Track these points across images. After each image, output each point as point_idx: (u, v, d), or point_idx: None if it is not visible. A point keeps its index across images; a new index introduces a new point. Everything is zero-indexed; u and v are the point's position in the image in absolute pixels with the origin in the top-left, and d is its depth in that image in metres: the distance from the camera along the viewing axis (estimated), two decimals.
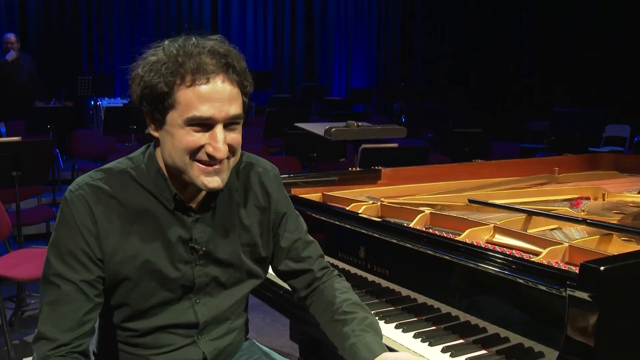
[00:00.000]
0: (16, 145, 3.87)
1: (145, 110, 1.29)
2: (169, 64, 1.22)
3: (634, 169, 3.13)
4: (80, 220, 1.27)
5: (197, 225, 1.37)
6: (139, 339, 1.37)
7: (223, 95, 1.23)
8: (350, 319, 1.40)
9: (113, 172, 1.34)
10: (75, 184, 1.32)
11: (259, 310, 3.71)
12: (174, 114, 1.24)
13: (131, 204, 1.32)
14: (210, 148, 1.25)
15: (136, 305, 1.34)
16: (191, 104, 1.22)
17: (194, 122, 1.23)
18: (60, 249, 1.27)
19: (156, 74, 1.23)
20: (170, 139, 1.26)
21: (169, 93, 1.23)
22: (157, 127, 1.29)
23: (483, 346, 1.48)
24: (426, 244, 1.67)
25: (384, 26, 12.29)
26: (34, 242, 5.03)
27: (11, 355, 3.18)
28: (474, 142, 5.80)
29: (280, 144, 6.40)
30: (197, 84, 1.22)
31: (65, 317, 1.25)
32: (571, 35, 9.45)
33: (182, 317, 1.38)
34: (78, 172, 6.13)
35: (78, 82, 7.96)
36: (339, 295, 1.46)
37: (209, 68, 1.22)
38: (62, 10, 9.23)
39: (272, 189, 1.50)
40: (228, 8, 10.79)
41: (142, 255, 1.32)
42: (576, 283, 1.26)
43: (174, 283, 1.35)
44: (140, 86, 1.26)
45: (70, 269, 1.26)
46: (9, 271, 3.14)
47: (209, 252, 1.39)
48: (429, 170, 2.80)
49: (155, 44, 1.29)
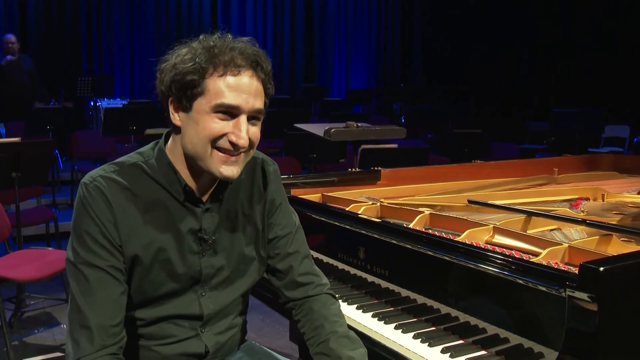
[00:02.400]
0: (16, 146, 3.87)
1: (171, 98, 1.34)
2: (204, 54, 1.29)
3: (633, 169, 3.13)
4: (98, 209, 1.30)
5: (206, 215, 1.41)
6: (144, 329, 1.39)
7: (250, 89, 1.30)
8: (335, 358, 1.38)
9: (125, 166, 1.37)
10: (89, 177, 1.34)
11: (258, 311, 3.71)
12: (202, 101, 1.29)
13: (144, 196, 1.36)
14: (233, 137, 1.30)
15: (146, 294, 1.36)
16: (220, 92, 1.28)
17: (221, 109, 1.29)
18: (84, 237, 1.30)
19: (191, 60, 1.29)
20: (195, 125, 1.31)
21: (200, 80, 1.29)
22: (182, 115, 1.34)
23: (483, 347, 1.48)
24: (426, 245, 1.67)
25: (384, 27, 12.30)
26: (34, 243, 5.03)
27: (11, 356, 3.17)
28: (473, 142, 5.79)
29: (280, 144, 6.39)
30: (228, 75, 1.29)
31: (99, 303, 1.27)
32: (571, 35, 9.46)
33: (187, 308, 1.41)
34: (78, 173, 6.12)
35: (78, 83, 7.96)
36: (326, 326, 1.45)
37: (241, 62, 1.30)
38: (61, 11, 9.23)
39: (270, 180, 1.54)
40: (227, 8, 10.79)
41: (156, 243, 1.35)
42: (576, 284, 1.26)
43: (182, 274, 1.38)
44: (172, 72, 1.31)
45: (97, 255, 1.29)
46: (8, 272, 3.14)
47: (217, 242, 1.42)
48: (429, 171, 2.80)
49: (185, 40, 1.36)
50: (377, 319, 1.70)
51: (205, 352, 1.43)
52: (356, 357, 1.39)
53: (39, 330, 3.67)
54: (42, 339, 3.55)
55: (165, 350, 1.40)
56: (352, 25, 12.02)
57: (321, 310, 1.48)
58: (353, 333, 1.46)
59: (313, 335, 1.46)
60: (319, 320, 1.46)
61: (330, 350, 1.40)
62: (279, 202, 1.55)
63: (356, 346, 1.42)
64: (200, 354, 1.43)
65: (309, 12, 11.57)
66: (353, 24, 12.03)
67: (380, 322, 1.68)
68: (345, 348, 1.40)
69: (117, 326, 1.29)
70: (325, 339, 1.42)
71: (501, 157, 4.29)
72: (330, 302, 1.52)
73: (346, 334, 1.44)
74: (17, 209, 3.90)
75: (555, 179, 2.86)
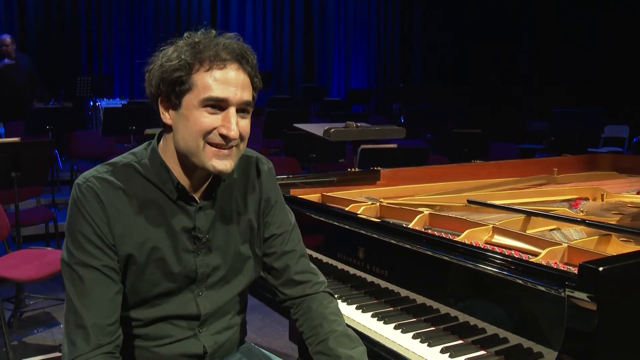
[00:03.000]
0: (15, 146, 3.86)
1: (160, 98, 1.35)
2: (190, 51, 1.31)
3: (632, 169, 3.13)
4: (91, 209, 1.31)
5: (199, 213, 1.41)
6: (142, 329, 1.39)
7: (237, 81, 1.32)
8: (334, 357, 1.39)
9: (118, 166, 1.38)
10: (83, 178, 1.35)
11: (258, 311, 3.71)
12: (190, 96, 1.31)
13: (137, 195, 1.36)
14: (223, 129, 1.31)
15: (141, 294, 1.37)
16: (208, 86, 1.30)
17: (209, 103, 1.30)
18: (78, 238, 1.30)
19: (177, 58, 1.31)
20: (185, 122, 1.32)
21: (187, 76, 1.30)
22: (172, 113, 1.35)
23: (482, 347, 1.48)
24: (425, 245, 1.67)
25: (383, 27, 12.30)
26: (33, 242, 5.03)
27: (10, 356, 3.17)
28: (473, 142, 5.79)
29: (280, 144, 6.39)
30: (214, 69, 1.30)
31: (95, 303, 1.28)
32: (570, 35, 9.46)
33: (184, 308, 1.41)
34: (77, 173, 6.11)
35: (77, 82, 7.95)
36: (325, 325, 1.45)
37: (226, 56, 1.31)
38: (61, 11, 9.22)
39: (265, 178, 1.55)
40: (227, 8, 10.79)
41: (150, 243, 1.35)
42: (575, 283, 1.27)
43: (178, 273, 1.38)
44: (159, 72, 1.33)
45: (91, 255, 1.30)
46: (8, 272, 3.14)
47: (211, 241, 1.42)
48: (428, 171, 2.80)
49: (170, 40, 1.38)
50: (377, 318, 1.70)
51: (203, 352, 1.43)
52: (355, 356, 1.39)
53: (38, 330, 3.67)
54: (42, 339, 3.55)
55: (164, 351, 1.40)
56: (351, 25, 12.02)
57: (319, 309, 1.48)
58: (352, 331, 1.46)
59: (312, 334, 1.46)
60: (317, 319, 1.46)
61: (329, 349, 1.40)
62: (274, 201, 1.55)
63: (355, 345, 1.42)
64: (199, 355, 1.43)
65: (309, 12, 11.56)
66: (353, 24, 12.03)
67: (380, 322, 1.69)
68: (345, 347, 1.40)
69: (112, 325, 1.29)
70: (324, 338, 1.42)
71: (501, 157, 4.29)
72: (327, 300, 1.52)
73: (345, 333, 1.44)
74: (16, 209, 3.91)
75: (554, 179, 2.86)
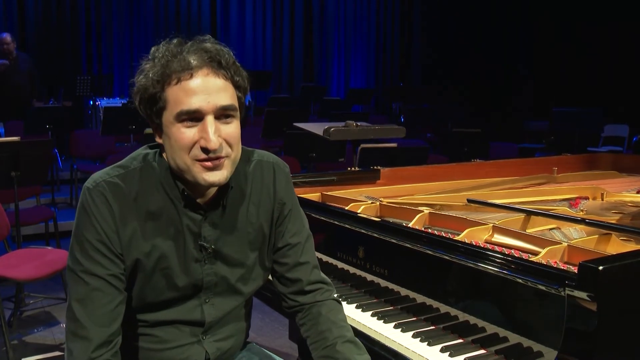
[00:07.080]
0: (15, 146, 3.86)
1: (148, 119, 1.33)
2: (156, 68, 1.27)
3: (632, 168, 3.13)
4: (100, 216, 1.29)
5: (206, 223, 1.38)
6: (147, 330, 1.39)
7: (209, 87, 1.25)
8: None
9: (129, 170, 1.35)
10: (93, 181, 1.32)
11: (258, 311, 3.70)
12: (166, 114, 1.27)
13: (145, 202, 1.34)
14: (202, 141, 1.25)
15: (147, 299, 1.36)
16: (179, 100, 1.25)
17: (183, 117, 1.25)
18: (85, 245, 1.29)
19: (145, 78, 1.27)
20: (169, 141, 1.29)
21: (159, 95, 1.27)
22: (160, 133, 1.33)
23: (482, 346, 1.48)
24: (425, 244, 1.67)
25: (383, 26, 12.29)
26: (33, 242, 5.03)
27: (10, 356, 3.17)
28: (472, 142, 5.80)
29: (280, 144, 6.39)
30: (182, 80, 1.25)
31: (97, 313, 1.27)
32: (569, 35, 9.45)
33: (189, 314, 1.40)
34: (77, 172, 6.12)
35: (77, 82, 7.94)
36: (334, 330, 1.43)
37: (193, 64, 1.25)
38: (61, 10, 9.21)
39: (281, 185, 1.49)
40: (227, 8, 10.78)
41: (157, 251, 1.34)
42: (575, 283, 1.27)
43: (184, 281, 1.37)
44: (136, 92, 1.30)
45: (97, 264, 1.28)
46: (7, 271, 3.14)
47: (218, 250, 1.40)
48: (428, 170, 2.80)
49: (146, 56, 1.33)
50: (377, 318, 1.70)
51: (205, 359, 1.42)
52: None
53: (38, 330, 3.67)
54: (42, 338, 3.55)
55: (166, 355, 1.39)
56: (351, 25, 12.01)
57: (329, 315, 1.46)
58: (358, 340, 1.44)
59: (319, 339, 1.43)
60: (325, 324, 1.44)
61: (337, 352, 1.38)
62: (289, 208, 1.49)
63: (361, 352, 1.41)
64: None
65: (309, 12, 11.56)
66: (352, 24, 12.02)
67: (380, 321, 1.69)
68: (352, 353, 1.39)
69: (111, 335, 1.28)
70: (332, 343, 1.40)
71: (500, 157, 4.29)
72: (337, 308, 1.50)
73: (353, 340, 1.43)
74: (16, 208, 3.90)
75: (554, 178, 2.86)
